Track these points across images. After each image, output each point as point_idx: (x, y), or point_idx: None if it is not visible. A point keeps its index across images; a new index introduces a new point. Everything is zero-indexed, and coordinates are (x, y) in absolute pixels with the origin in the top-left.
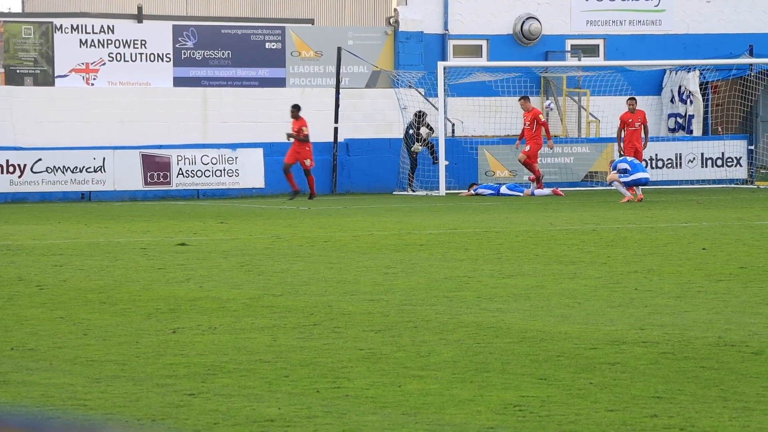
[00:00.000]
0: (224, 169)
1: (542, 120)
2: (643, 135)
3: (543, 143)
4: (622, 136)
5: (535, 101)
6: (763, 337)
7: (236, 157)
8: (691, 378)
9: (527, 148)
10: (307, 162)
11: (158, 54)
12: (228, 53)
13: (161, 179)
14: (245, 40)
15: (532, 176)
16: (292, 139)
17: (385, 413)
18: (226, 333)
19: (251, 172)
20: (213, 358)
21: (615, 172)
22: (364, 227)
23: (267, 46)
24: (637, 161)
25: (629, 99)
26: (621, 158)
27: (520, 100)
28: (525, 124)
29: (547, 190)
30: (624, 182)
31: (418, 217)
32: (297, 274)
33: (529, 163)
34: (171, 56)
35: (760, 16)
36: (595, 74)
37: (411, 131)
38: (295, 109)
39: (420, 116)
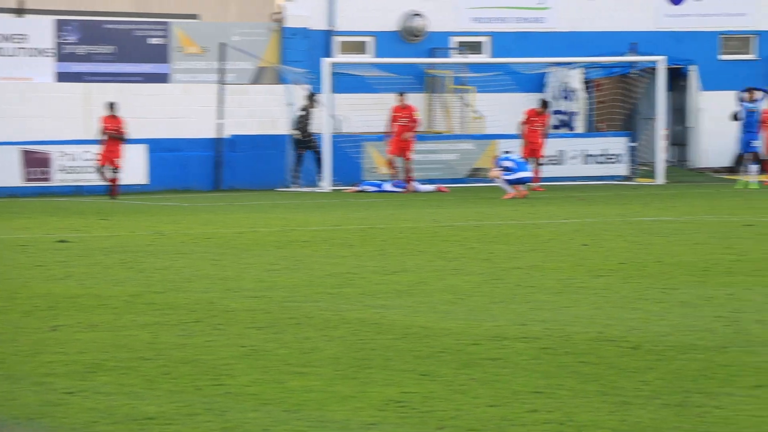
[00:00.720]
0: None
1: (415, 117)
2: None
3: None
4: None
5: (420, 98)
6: (642, 332)
7: None
8: (571, 373)
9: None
10: (117, 161)
11: (40, 49)
12: (112, 48)
13: (41, 176)
14: (129, 36)
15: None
16: (106, 137)
17: (267, 410)
18: (106, 330)
19: (134, 169)
20: (93, 355)
21: (498, 169)
22: (247, 224)
23: (150, 42)
24: (522, 159)
25: (540, 100)
26: (505, 155)
27: (399, 95)
28: (400, 120)
29: (431, 187)
30: (507, 180)
31: (302, 214)
32: (179, 271)
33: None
34: (53, 51)
35: (642, 15)
36: (482, 75)
37: (303, 117)
38: (111, 107)
39: (312, 99)
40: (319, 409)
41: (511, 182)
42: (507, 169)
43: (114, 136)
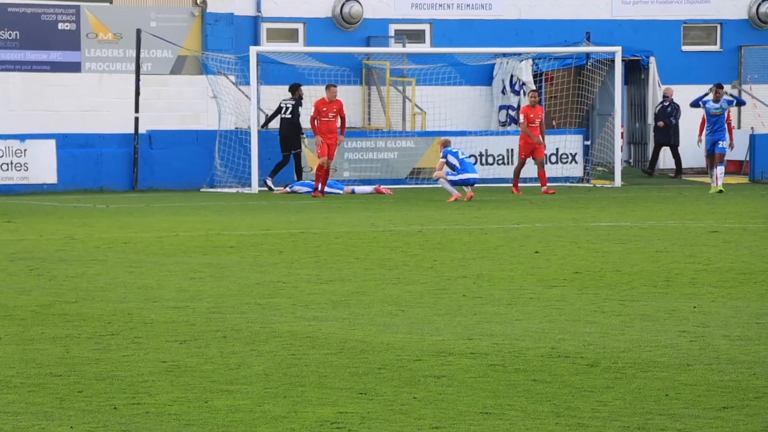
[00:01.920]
0: (11, 163)
1: (343, 113)
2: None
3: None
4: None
5: (355, 90)
6: (599, 348)
7: (25, 150)
8: (522, 392)
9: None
10: None
11: None
12: (15, 34)
13: None
14: (35, 20)
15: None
16: None
17: (191, 431)
18: (12, 344)
19: (42, 166)
20: None
21: (441, 170)
22: (168, 227)
23: (60, 27)
24: (467, 159)
25: (532, 92)
26: (453, 150)
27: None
28: (329, 116)
29: (368, 188)
30: (451, 180)
31: (228, 217)
32: (93, 278)
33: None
34: None
35: (598, 1)
36: (423, 67)
37: (289, 110)
38: None
39: (296, 90)
40: (248, 430)
41: (455, 183)
42: (452, 168)
43: None
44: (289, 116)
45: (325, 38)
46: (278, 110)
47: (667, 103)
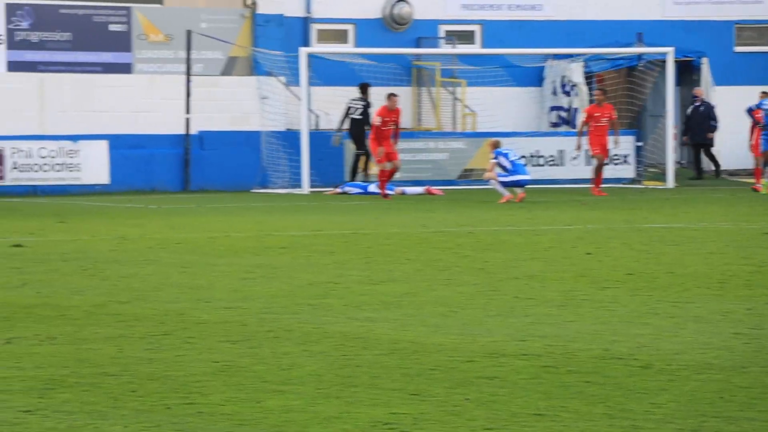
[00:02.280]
0: (64, 163)
1: (400, 121)
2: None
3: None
4: (585, 131)
5: (406, 91)
6: (652, 350)
7: (77, 150)
8: (575, 394)
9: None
10: None
11: None
12: (68, 35)
13: None
14: (87, 22)
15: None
16: None
17: None
18: (66, 344)
19: (94, 167)
20: (52, 371)
21: (492, 172)
22: (220, 228)
23: (111, 29)
24: (518, 160)
25: (597, 90)
26: (504, 151)
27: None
28: (388, 125)
29: (419, 189)
30: (502, 182)
31: (279, 218)
32: (145, 279)
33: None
34: (3, 38)
35: (649, 2)
36: (474, 68)
37: (359, 110)
38: None
39: (365, 90)
40: (300, 431)
41: (506, 184)
42: (503, 170)
43: None
44: (360, 117)
45: (375, 39)
46: (347, 111)
47: (699, 103)
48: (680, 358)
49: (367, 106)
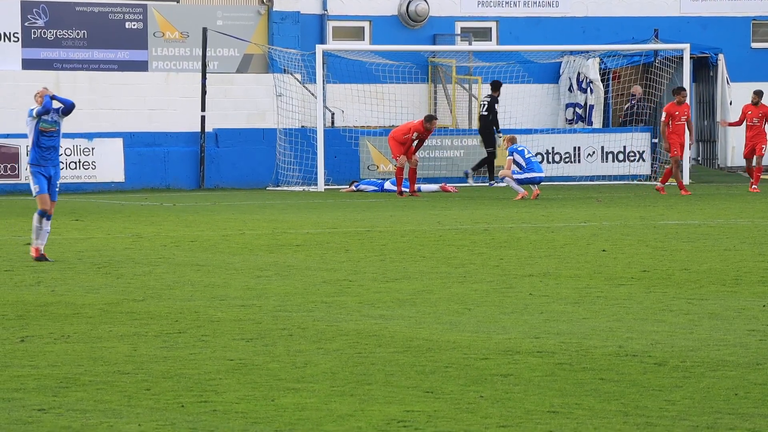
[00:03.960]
0: (79, 161)
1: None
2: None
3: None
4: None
5: (422, 88)
6: (666, 347)
7: (93, 148)
8: (589, 391)
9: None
10: None
11: (5, 33)
12: (83, 33)
13: (9, 172)
14: (102, 19)
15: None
16: None
17: (257, 430)
18: (80, 342)
19: (109, 165)
20: (66, 369)
21: (507, 169)
22: (234, 226)
23: (127, 26)
24: (533, 157)
25: (678, 89)
26: (519, 148)
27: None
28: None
29: (434, 186)
30: (517, 179)
31: (294, 215)
32: (160, 277)
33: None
34: (19, 36)
35: None
36: (490, 65)
37: (484, 109)
38: None
39: (497, 89)
40: (314, 428)
41: (521, 181)
42: (519, 167)
43: None
44: (486, 113)
45: (391, 36)
46: (481, 107)
47: (633, 102)
48: (695, 355)
49: (493, 102)
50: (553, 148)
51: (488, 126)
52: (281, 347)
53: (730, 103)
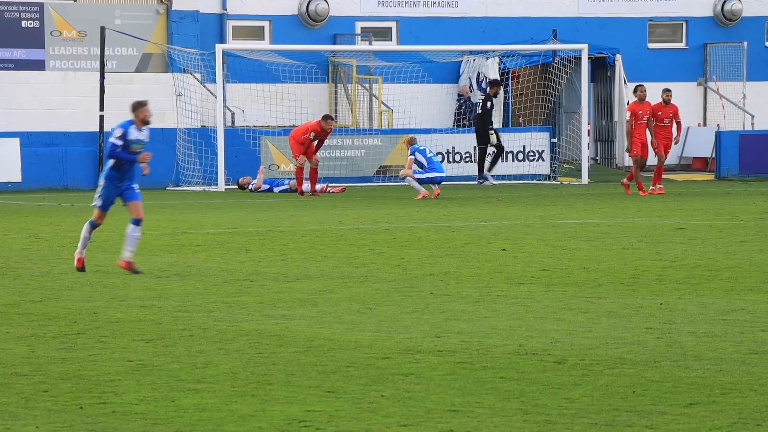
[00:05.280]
0: None
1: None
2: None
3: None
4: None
5: (322, 88)
6: (566, 345)
7: None
8: (489, 390)
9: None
10: None
11: None
12: None
13: None
14: None
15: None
16: None
17: (157, 431)
18: None
19: (6, 165)
20: None
21: (409, 169)
22: None
23: (23, 25)
24: (434, 157)
25: (639, 86)
26: (420, 148)
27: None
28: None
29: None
30: (418, 179)
31: (194, 216)
32: (58, 277)
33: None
34: None
35: None
36: (390, 64)
37: (478, 107)
38: None
39: (492, 86)
40: (215, 429)
41: (422, 181)
42: (420, 166)
43: None
44: (479, 111)
45: (292, 36)
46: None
47: (461, 102)
48: (594, 353)
49: (486, 100)
50: (453, 147)
51: (478, 123)
52: (182, 348)
53: (627, 103)
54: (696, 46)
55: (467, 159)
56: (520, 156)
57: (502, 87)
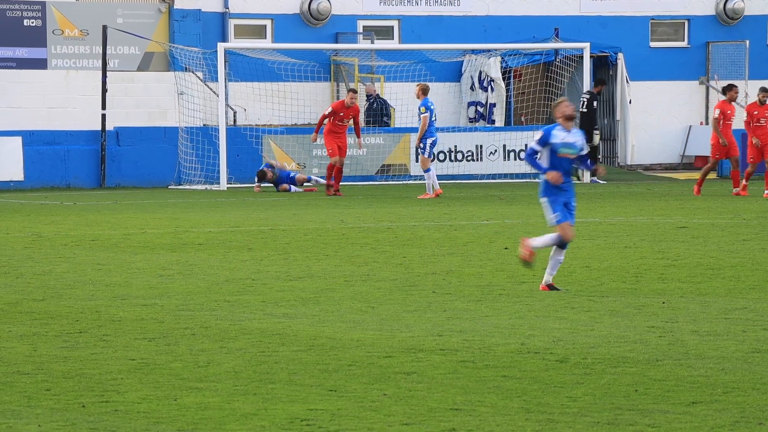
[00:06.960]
0: None
1: (359, 117)
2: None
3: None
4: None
5: (324, 87)
6: (568, 344)
7: None
8: (491, 388)
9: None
10: None
11: None
12: None
13: None
14: (1, 17)
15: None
16: None
17: (159, 429)
18: None
19: (8, 163)
20: None
21: (423, 126)
22: (136, 225)
23: (26, 23)
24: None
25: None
26: (431, 105)
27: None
28: (344, 121)
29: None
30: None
31: (196, 214)
32: (61, 276)
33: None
34: None
35: None
36: (392, 63)
37: (583, 106)
38: None
39: (597, 85)
40: (217, 428)
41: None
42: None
43: None
44: (585, 110)
45: (294, 35)
46: (581, 104)
47: (372, 99)
48: (596, 352)
49: (592, 99)
50: (455, 146)
51: (585, 122)
52: (184, 346)
53: (630, 102)
54: (698, 45)
55: (469, 158)
56: (523, 154)
57: (604, 85)
